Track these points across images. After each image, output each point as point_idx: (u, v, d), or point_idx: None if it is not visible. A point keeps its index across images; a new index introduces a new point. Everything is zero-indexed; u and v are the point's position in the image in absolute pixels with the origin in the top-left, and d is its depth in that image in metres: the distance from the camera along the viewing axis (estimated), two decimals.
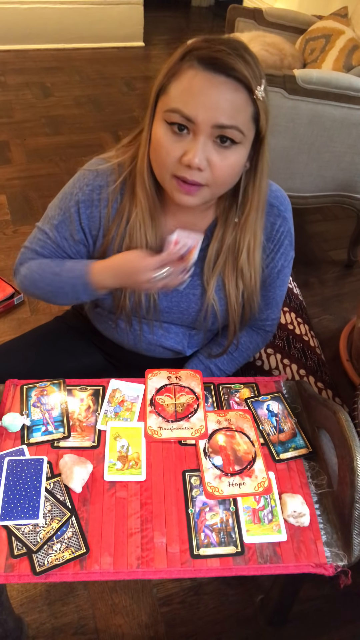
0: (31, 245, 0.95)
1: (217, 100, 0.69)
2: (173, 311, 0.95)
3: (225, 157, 0.73)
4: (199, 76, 0.69)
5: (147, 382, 0.91)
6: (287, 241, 0.93)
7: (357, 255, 2.19)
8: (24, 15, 3.83)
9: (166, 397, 0.89)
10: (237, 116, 0.71)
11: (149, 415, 0.86)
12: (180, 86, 0.71)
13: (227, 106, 0.69)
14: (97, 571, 0.68)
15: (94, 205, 0.86)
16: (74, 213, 0.88)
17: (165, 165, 0.75)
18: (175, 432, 0.83)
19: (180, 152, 0.73)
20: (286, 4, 3.66)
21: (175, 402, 0.88)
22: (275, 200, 0.89)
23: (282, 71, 1.66)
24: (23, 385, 0.90)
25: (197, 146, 0.71)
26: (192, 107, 0.69)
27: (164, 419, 0.85)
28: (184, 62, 0.71)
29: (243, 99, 0.71)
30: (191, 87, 0.69)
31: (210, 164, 0.73)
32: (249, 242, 0.86)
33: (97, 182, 0.86)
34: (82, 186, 0.87)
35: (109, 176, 0.86)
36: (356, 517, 0.69)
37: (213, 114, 0.69)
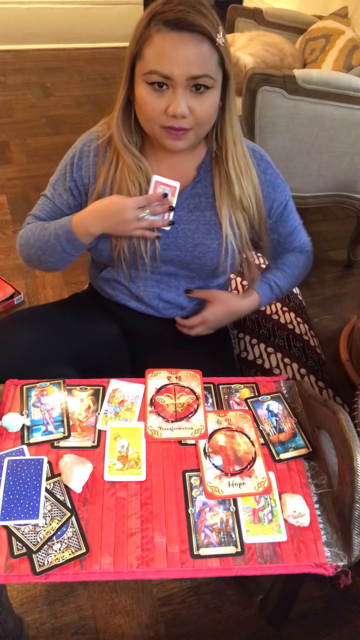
0: (33, 212, 1.06)
1: (186, 55, 0.79)
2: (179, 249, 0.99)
3: (203, 101, 0.83)
4: (167, 38, 0.79)
5: (147, 382, 0.91)
6: (280, 180, 1.03)
7: (357, 255, 2.19)
8: (24, 15, 3.83)
9: (166, 397, 0.89)
10: (206, 65, 0.81)
11: (149, 415, 0.86)
12: (153, 50, 0.80)
13: (196, 59, 0.80)
14: (97, 571, 0.68)
15: (84, 155, 0.97)
16: (69, 166, 0.99)
17: (153, 119, 0.85)
18: (175, 432, 0.83)
19: (164, 106, 0.83)
20: (286, 4, 3.66)
21: (175, 402, 0.88)
22: (255, 147, 1.01)
23: (282, 71, 1.66)
24: (23, 385, 0.90)
25: (178, 97, 0.82)
26: (167, 65, 0.79)
27: (164, 419, 0.85)
28: (151, 28, 0.80)
29: (208, 49, 0.80)
30: (163, 49, 0.79)
31: (191, 110, 0.83)
32: (236, 173, 0.94)
33: (88, 137, 0.98)
34: (77, 144, 1.00)
35: (100, 131, 0.97)
36: (356, 517, 0.69)
37: (186, 68, 0.80)
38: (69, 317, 1.09)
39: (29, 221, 1.05)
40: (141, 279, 1.04)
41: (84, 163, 0.97)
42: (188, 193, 0.97)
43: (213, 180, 0.96)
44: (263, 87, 1.65)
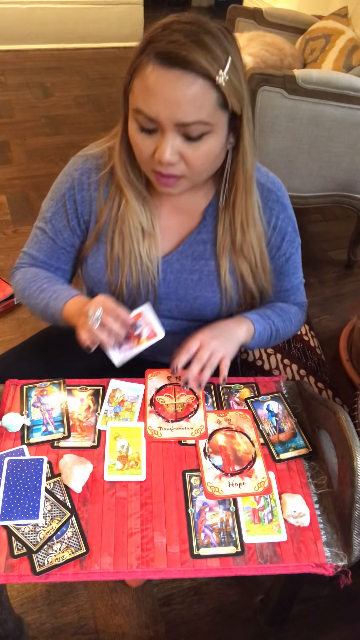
0: (28, 250, 0.97)
1: (174, 97, 0.67)
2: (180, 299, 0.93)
3: (197, 148, 0.73)
4: (155, 73, 0.67)
5: (147, 382, 0.91)
6: (291, 228, 0.92)
7: (357, 255, 2.19)
8: (24, 15, 3.84)
9: (166, 397, 0.89)
10: (199, 110, 0.69)
11: (149, 415, 0.86)
12: (140, 84, 0.70)
13: (187, 102, 0.68)
14: (97, 571, 0.68)
15: (84, 189, 0.87)
16: (68, 199, 0.88)
17: (143, 161, 0.77)
18: (175, 432, 0.83)
19: (151, 149, 0.74)
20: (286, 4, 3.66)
21: (175, 402, 0.88)
22: (272, 186, 0.89)
23: (282, 71, 1.66)
24: (23, 386, 0.90)
25: (165, 143, 0.71)
26: (153, 106, 0.69)
27: (164, 419, 0.85)
28: (143, 57, 0.69)
29: (203, 89, 0.68)
30: (149, 85, 0.68)
31: (183, 157, 0.73)
32: (241, 222, 0.86)
33: (86, 166, 0.87)
34: (72, 172, 0.88)
35: (99, 159, 0.87)
36: (356, 517, 0.69)
37: (172, 112, 0.68)
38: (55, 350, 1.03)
39: (25, 260, 0.97)
40: None
41: (84, 197, 0.88)
42: (193, 239, 0.90)
43: (217, 226, 0.88)
44: (263, 87, 1.65)
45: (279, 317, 0.98)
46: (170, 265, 0.91)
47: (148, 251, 0.88)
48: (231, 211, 0.85)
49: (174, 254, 0.91)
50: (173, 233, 0.91)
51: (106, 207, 0.87)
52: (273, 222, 0.90)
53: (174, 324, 0.98)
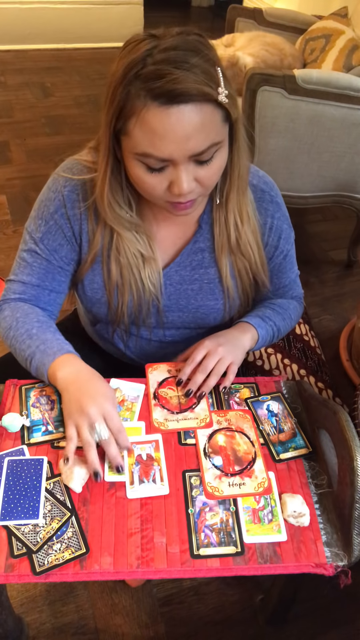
0: (16, 277, 0.90)
1: (185, 132, 0.65)
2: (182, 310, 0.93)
3: (210, 168, 0.71)
4: (157, 114, 0.64)
5: (148, 377, 0.91)
6: (286, 225, 0.93)
7: (357, 255, 2.19)
8: (24, 15, 3.84)
9: (169, 390, 0.89)
10: (210, 133, 0.67)
11: (153, 408, 0.86)
12: (143, 130, 0.66)
13: (197, 132, 0.65)
14: (97, 571, 0.68)
15: (75, 206, 0.84)
16: (61, 217, 0.84)
17: (155, 197, 0.74)
18: (181, 422, 0.84)
19: (166, 184, 0.71)
20: (286, 4, 3.66)
21: (178, 394, 0.88)
22: (265, 186, 0.89)
23: (282, 71, 1.66)
24: (22, 386, 0.90)
25: (181, 176, 0.69)
26: (164, 148, 0.66)
27: (169, 411, 0.86)
28: (134, 99, 0.64)
29: (209, 113, 0.66)
30: (154, 129, 0.65)
31: (198, 180, 0.72)
32: (235, 220, 0.85)
33: (74, 183, 0.83)
34: (60, 189, 0.84)
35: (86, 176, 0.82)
36: (356, 517, 0.69)
37: (185, 146, 0.66)
38: None
39: (14, 289, 0.90)
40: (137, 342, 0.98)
41: (76, 215, 0.84)
42: (190, 249, 0.89)
43: (213, 229, 0.87)
44: (263, 87, 1.65)
45: (279, 316, 0.98)
46: (169, 278, 0.90)
47: (150, 275, 0.87)
48: (224, 209, 0.84)
49: (172, 266, 0.90)
50: (169, 244, 0.90)
51: (99, 230, 0.84)
52: (269, 222, 0.90)
53: (177, 333, 0.98)
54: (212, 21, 4.96)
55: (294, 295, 1.04)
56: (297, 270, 1.02)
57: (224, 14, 2.55)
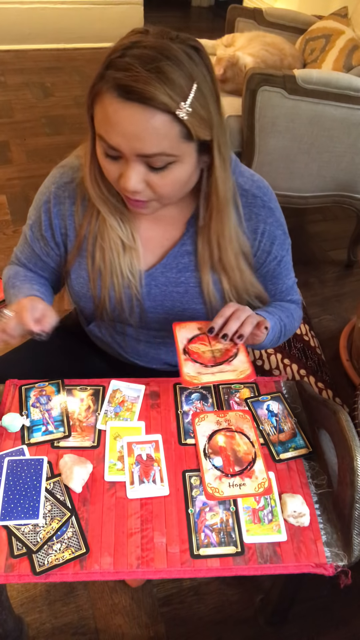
0: (16, 249, 0.99)
1: (135, 130, 0.65)
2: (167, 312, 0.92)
3: (163, 177, 0.70)
4: (114, 104, 0.64)
5: (176, 334, 0.84)
6: (280, 231, 0.90)
7: (357, 255, 2.19)
8: (24, 15, 3.84)
9: (200, 345, 0.81)
10: (161, 143, 0.66)
11: (184, 363, 0.78)
12: (100, 112, 0.67)
13: (147, 135, 0.65)
14: (97, 571, 0.68)
15: (61, 202, 0.86)
16: (44, 212, 0.87)
17: (112, 183, 0.75)
18: (217, 375, 0.76)
19: (117, 174, 0.72)
20: (286, 4, 3.66)
21: (212, 348, 0.80)
22: (258, 191, 0.86)
23: (282, 71, 1.66)
24: (21, 386, 0.90)
25: (129, 172, 0.69)
26: (114, 137, 0.67)
27: (202, 365, 0.78)
28: (103, 83, 0.65)
29: (164, 123, 0.65)
30: (109, 116, 0.66)
31: (149, 185, 0.71)
32: (217, 240, 0.83)
33: (63, 179, 0.85)
34: (50, 185, 0.86)
35: (75, 172, 0.84)
36: (356, 517, 0.69)
37: (133, 144, 0.66)
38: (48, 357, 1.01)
39: (13, 259, 0.99)
40: (127, 341, 0.98)
41: (60, 211, 0.86)
42: (177, 251, 0.87)
43: (197, 238, 0.86)
44: (263, 87, 1.65)
45: (283, 313, 0.96)
46: (154, 279, 0.89)
47: (130, 265, 0.87)
48: (207, 228, 0.83)
49: (158, 267, 0.88)
50: (156, 245, 0.89)
51: (85, 220, 0.85)
52: (261, 228, 0.87)
53: (166, 335, 0.97)
54: (212, 21, 4.96)
55: (292, 300, 1.01)
56: (294, 277, 1.00)
57: (224, 14, 2.55)
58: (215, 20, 4.92)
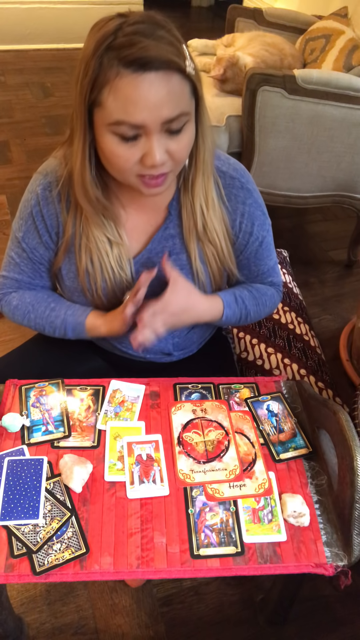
0: (8, 273, 0.95)
1: (157, 98, 0.67)
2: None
3: (180, 140, 0.74)
4: (132, 82, 0.66)
5: (171, 418, 0.87)
6: (259, 212, 0.92)
7: (357, 255, 2.19)
8: (24, 15, 3.83)
9: (194, 434, 0.84)
10: (180, 102, 0.70)
11: (178, 456, 0.81)
12: (116, 97, 0.68)
13: (168, 99, 0.68)
14: (97, 571, 0.68)
15: (49, 202, 0.86)
16: (36, 215, 0.87)
17: (127, 171, 0.75)
18: (208, 474, 0.78)
19: (138, 155, 0.73)
20: (286, 4, 3.66)
21: (204, 439, 0.83)
22: (235, 173, 0.89)
23: (282, 71, 1.66)
24: (22, 386, 0.90)
25: (154, 145, 0.71)
26: (138, 114, 0.68)
27: (195, 460, 0.80)
28: (107, 69, 0.67)
29: (178, 82, 0.69)
30: (128, 96, 0.67)
31: (170, 153, 0.74)
32: (201, 205, 0.86)
33: (47, 180, 0.86)
34: (35, 188, 0.87)
35: (57, 172, 0.85)
36: (356, 517, 0.69)
37: (158, 113, 0.68)
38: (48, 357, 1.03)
39: (9, 285, 0.96)
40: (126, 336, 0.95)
41: (50, 210, 0.87)
42: (161, 236, 0.89)
43: (181, 215, 0.88)
44: (263, 87, 1.65)
45: (253, 300, 0.98)
46: (142, 265, 0.90)
47: (119, 260, 0.88)
48: (190, 195, 0.85)
49: (144, 253, 0.90)
50: (140, 232, 0.90)
51: (69, 219, 0.86)
52: (240, 209, 0.90)
53: None
54: (212, 21, 4.96)
55: (273, 282, 1.02)
56: (276, 258, 1.02)
57: (224, 14, 2.54)
58: (215, 20, 4.92)
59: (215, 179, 0.87)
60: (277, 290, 1.04)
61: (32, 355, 1.04)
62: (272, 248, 0.98)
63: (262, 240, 0.94)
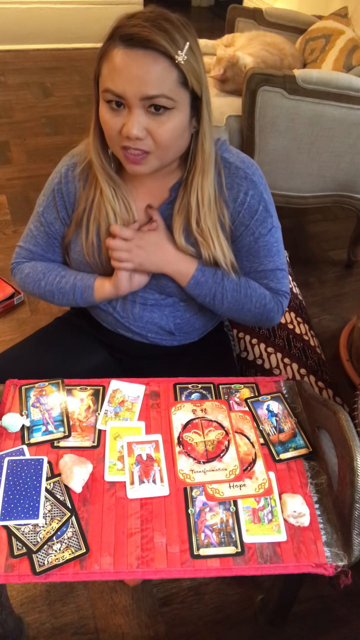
0: (24, 244, 1.03)
1: (138, 73, 0.74)
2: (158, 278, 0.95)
3: (162, 122, 0.78)
4: (121, 53, 0.74)
5: (171, 418, 0.87)
6: (262, 207, 0.91)
7: (357, 255, 2.19)
8: (24, 15, 3.83)
9: (194, 434, 0.84)
10: (162, 85, 0.75)
11: (178, 456, 0.81)
12: (108, 66, 0.76)
13: (150, 77, 0.74)
14: (97, 571, 0.68)
15: (70, 181, 0.94)
16: (57, 192, 0.95)
17: (112, 139, 0.81)
18: (208, 474, 0.78)
19: (120, 125, 0.78)
20: (286, 4, 3.66)
21: (204, 439, 0.83)
22: (241, 164, 0.91)
23: (282, 71, 1.66)
24: (21, 386, 0.90)
25: (132, 118, 0.77)
26: (119, 83, 0.75)
27: (195, 460, 0.80)
28: (110, 43, 0.76)
29: (164, 67, 0.74)
30: (116, 65, 0.75)
31: (150, 132, 0.78)
32: (197, 202, 0.88)
33: (72, 161, 0.94)
34: (60, 168, 0.96)
35: (81, 155, 0.94)
36: (356, 517, 0.69)
37: (137, 87, 0.74)
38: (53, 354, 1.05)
39: (23, 255, 1.03)
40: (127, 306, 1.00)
41: (70, 190, 0.94)
42: (163, 211, 0.93)
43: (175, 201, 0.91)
44: (263, 87, 1.65)
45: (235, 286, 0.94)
46: None
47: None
48: (186, 190, 0.89)
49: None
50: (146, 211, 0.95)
51: (84, 194, 0.93)
52: (240, 198, 0.90)
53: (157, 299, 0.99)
54: (212, 21, 4.96)
55: (270, 286, 0.98)
56: (282, 265, 0.98)
57: (224, 14, 2.54)
58: (215, 20, 4.92)
59: (219, 169, 0.90)
60: (275, 297, 0.98)
61: (34, 349, 1.04)
62: (273, 252, 0.95)
63: (259, 237, 0.93)
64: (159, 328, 1.02)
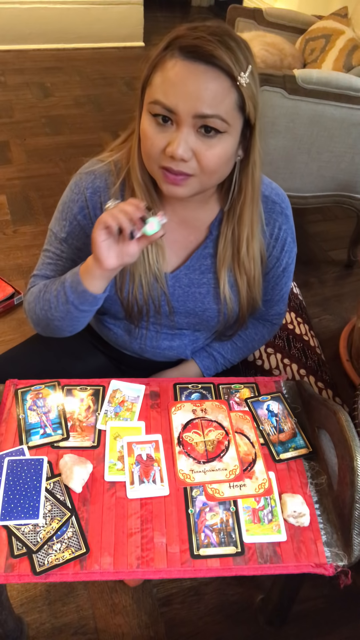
0: (40, 272, 0.93)
1: (196, 89, 0.67)
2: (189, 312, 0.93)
3: (211, 146, 0.71)
4: (179, 65, 0.68)
5: (171, 418, 0.87)
6: (290, 238, 0.92)
7: (357, 255, 2.19)
8: (24, 15, 3.83)
9: (194, 434, 0.84)
10: (219, 105, 0.69)
11: (178, 456, 0.81)
12: (161, 77, 0.70)
13: (208, 95, 0.68)
14: (97, 571, 0.68)
15: (97, 207, 0.85)
16: (82, 219, 0.86)
17: (152, 157, 0.74)
18: (208, 474, 0.78)
19: (164, 143, 0.72)
20: (286, 4, 3.66)
21: (204, 439, 0.83)
22: (277, 198, 0.89)
23: (282, 71, 1.66)
24: (17, 389, 0.89)
25: (180, 137, 0.70)
26: (172, 97, 0.68)
27: (195, 460, 0.80)
28: (166, 52, 0.69)
29: (225, 87, 0.69)
30: (171, 77, 0.68)
31: (196, 154, 0.71)
32: (247, 234, 0.85)
33: (96, 184, 0.85)
34: (83, 190, 0.85)
35: (108, 178, 0.84)
36: (356, 517, 0.69)
37: (193, 103, 0.68)
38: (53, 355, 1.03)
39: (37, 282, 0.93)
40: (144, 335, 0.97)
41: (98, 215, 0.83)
42: (200, 254, 0.89)
43: (218, 238, 0.87)
44: (263, 87, 1.65)
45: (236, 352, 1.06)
46: (178, 280, 0.90)
47: (156, 260, 0.87)
48: (237, 223, 0.84)
49: (182, 269, 0.90)
50: (180, 247, 0.90)
51: None
52: (276, 233, 0.90)
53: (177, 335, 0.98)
54: None
55: (277, 311, 1.03)
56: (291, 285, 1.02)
57: (224, 14, 2.54)
58: None
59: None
60: (271, 326, 1.07)
61: (34, 350, 1.04)
62: (291, 276, 0.98)
63: (286, 267, 0.94)
64: (174, 356, 1.02)
